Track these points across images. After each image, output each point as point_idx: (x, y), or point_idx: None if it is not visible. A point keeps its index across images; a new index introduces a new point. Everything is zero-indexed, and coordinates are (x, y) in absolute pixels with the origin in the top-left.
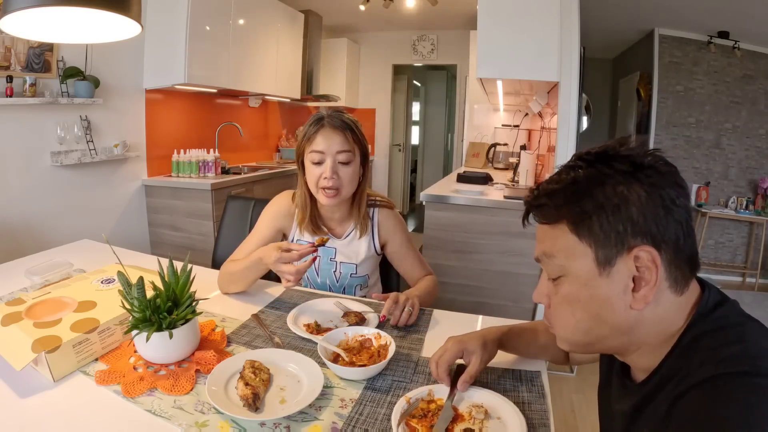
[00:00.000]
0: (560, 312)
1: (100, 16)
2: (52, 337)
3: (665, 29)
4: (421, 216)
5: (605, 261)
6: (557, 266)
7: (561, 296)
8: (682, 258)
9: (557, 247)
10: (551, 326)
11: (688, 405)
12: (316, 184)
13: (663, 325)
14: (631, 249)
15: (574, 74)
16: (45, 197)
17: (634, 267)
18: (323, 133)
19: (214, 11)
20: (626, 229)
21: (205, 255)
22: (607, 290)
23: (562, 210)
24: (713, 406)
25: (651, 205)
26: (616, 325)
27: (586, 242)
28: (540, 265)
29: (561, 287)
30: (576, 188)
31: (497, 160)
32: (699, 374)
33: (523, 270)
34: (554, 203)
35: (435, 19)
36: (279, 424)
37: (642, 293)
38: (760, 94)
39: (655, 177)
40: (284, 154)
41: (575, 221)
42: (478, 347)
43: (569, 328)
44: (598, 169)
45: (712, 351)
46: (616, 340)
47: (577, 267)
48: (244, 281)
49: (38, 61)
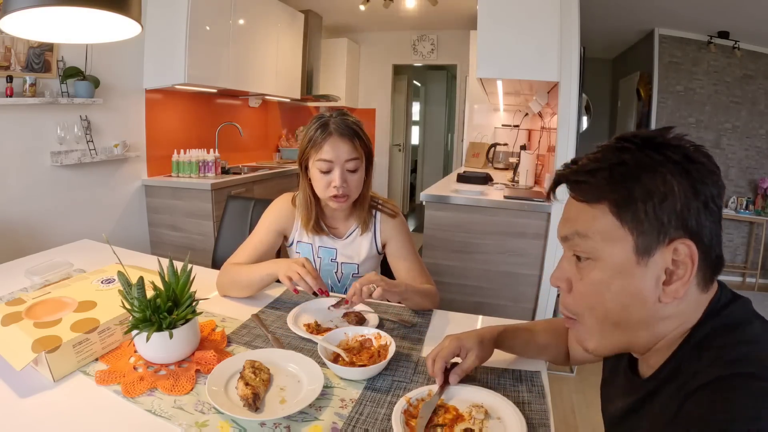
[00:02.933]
0: (586, 299)
1: (100, 16)
2: (52, 337)
3: (665, 29)
4: (421, 216)
5: (645, 250)
6: (590, 248)
7: (588, 282)
8: (711, 257)
9: (594, 229)
10: (573, 315)
11: (695, 405)
12: (325, 192)
13: (681, 320)
14: (672, 241)
15: (574, 74)
16: (45, 197)
17: (670, 260)
18: (331, 142)
19: (214, 11)
20: (670, 221)
21: (205, 255)
22: (640, 281)
23: (605, 190)
24: (719, 407)
25: (694, 201)
26: (643, 318)
27: (628, 228)
28: (563, 245)
29: (589, 272)
30: (624, 170)
31: (497, 160)
32: (707, 374)
33: (523, 270)
34: (597, 182)
35: (435, 19)
36: (279, 424)
37: (674, 287)
38: (760, 94)
39: (703, 173)
40: (284, 154)
41: (619, 204)
42: (474, 345)
43: (598, 317)
44: (648, 155)
45: (721, 351)
46: (640, 335)
47: (613, 252)
48: (250, 289)
49: (38, 61)
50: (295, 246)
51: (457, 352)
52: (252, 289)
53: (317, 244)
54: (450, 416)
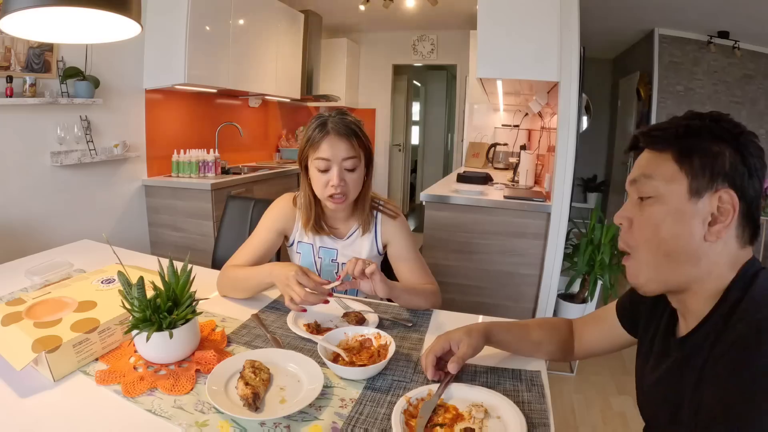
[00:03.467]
0: (643, 232)
1: (100, 16)
2: (52, 337)
3: (665, 29)
4: (421, 216)
5: (696, 191)
6: (653, 186)
7: (647, 216)
8: (750, 220)
9: (658, 171)
10: (630, 250)
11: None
12: (323, 191)
13: (720, 270)
14: (718, 190)
15: (574, 74)
16: (45, 197)
17: (716, 206)
18: (329, 141)
19: (214, 11)
20: (719, 174)
21: (205, 255)
22: (690, 217)
23: (671, 142)
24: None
25: (740, 165)
26: (690, 252)
27: (685, 173)
28: (629, 190)
29: (649, 208)
30: (688, 130)
31: (497, 160)
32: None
33: (523, 270)
34: (666, 136)
35: (435, 19)
36: (279, 423)
37: (717, 228)
38: (760, 94)
39: (751, 147)
40: (284, 154)
41: (681, 154)
42: (462, 335)
43: (651, 248)
44: (709, 124)
45: (752, 312)
46: (685, 271)
47: (671, 190)
48: (250, 291)
49: (38, 61)
50: (296, 246)
51: (447, 347)
52: (250, 293)
53: (318, 244)
54: (450, 416)
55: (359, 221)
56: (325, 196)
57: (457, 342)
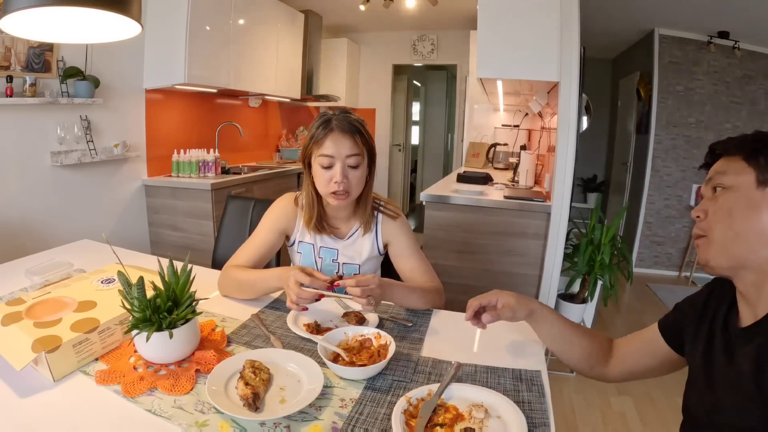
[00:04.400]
0: (717, 216)
1: (100, 16)
2: (52, 337)
3: (665, 29)
4: (421, 216)
5: (763, 182)
6: (725, 180)
7: (720, 204)
8: None
9: (730, 167)
10: (704, 232)
11: None
12: (326, 188)
13: None
14: None
15: (574, 74)
16: (45, 197)
17: None
18: (332, 138)
19: (214, 11)
20: None
21: (205, 255)
22: (758, 202)
23: (742, 146)
24: None
25: None
26: (758, 232)
27: (753, 167)
28: (704, 189)
29: (722, 197)
30: (755, 138)
31: (497, 160)
32: None
33: (523, 270)
34: (738, 142)
35: (435, 19)
36: (279, 423)
37: None
38: (760, 94)
39: None
40: (284, 154)
41: (749, 154)
42: (511, 299)
43: (723, 228)
44: None
45: None
46: (756, 250)
47: (740, 180)
48: (257, 294)
49: (38, 61)
50: (297, 246)
51: (494, 302)
52: (256, 296)
53: (318, 244)
54: (450, 415)
55: (361, 221)
56: (327, 193)
57: (503, 303)
